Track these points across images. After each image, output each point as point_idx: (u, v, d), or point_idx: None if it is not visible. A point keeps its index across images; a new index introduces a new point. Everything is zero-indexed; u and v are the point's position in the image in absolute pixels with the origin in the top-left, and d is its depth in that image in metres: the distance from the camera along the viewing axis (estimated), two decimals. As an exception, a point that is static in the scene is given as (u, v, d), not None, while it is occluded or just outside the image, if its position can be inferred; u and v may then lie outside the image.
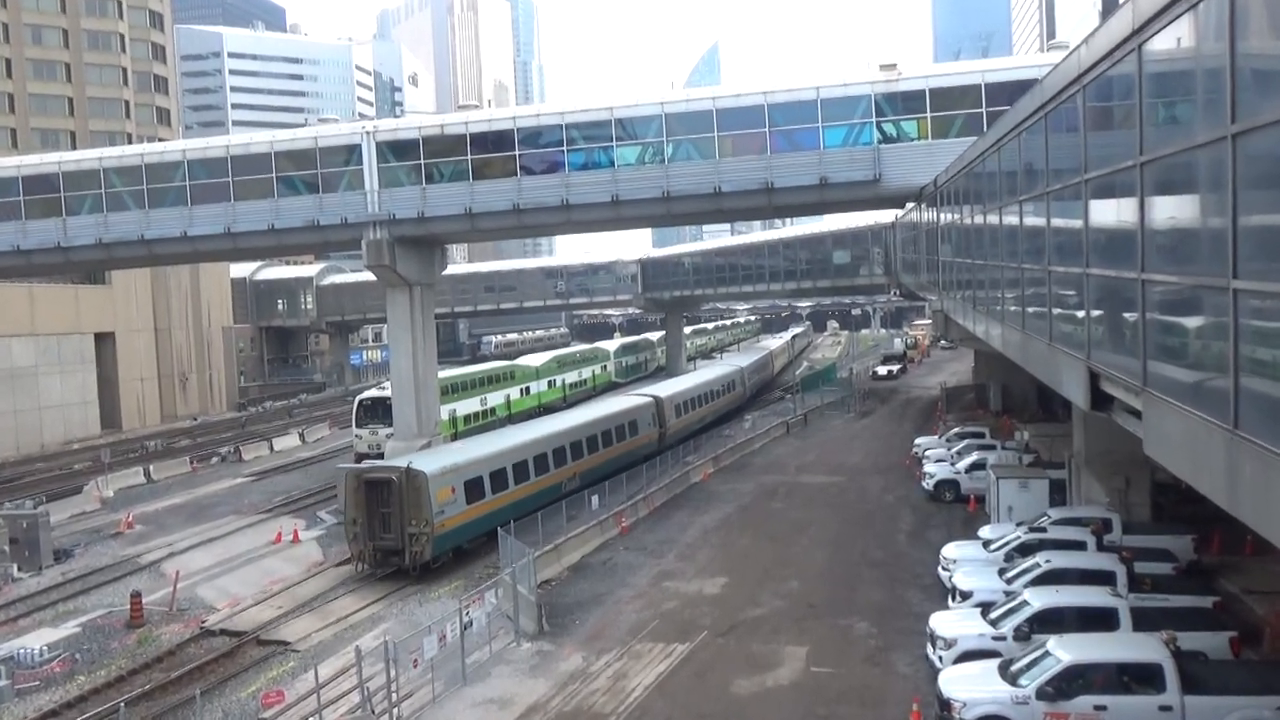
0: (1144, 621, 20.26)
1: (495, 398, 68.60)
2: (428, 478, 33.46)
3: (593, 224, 47.84)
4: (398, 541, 33.50)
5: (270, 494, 51.42)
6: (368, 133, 46.25)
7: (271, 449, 67.61)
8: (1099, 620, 20.52)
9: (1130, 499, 28.49)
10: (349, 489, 33.95)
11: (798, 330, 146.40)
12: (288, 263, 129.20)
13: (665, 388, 60.40)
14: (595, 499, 38.23)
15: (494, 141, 45.03)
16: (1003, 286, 21.30)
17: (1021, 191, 18.55)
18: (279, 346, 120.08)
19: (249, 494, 51.90)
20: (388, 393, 54.01)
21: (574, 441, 44.20)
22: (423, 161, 45.62)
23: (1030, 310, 18.42)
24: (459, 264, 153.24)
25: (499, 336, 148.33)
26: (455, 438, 56.36)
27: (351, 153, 46.55)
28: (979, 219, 24.33)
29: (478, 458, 37.08)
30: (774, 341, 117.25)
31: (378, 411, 56.77)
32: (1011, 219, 19.67)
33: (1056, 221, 15.95)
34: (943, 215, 33.62)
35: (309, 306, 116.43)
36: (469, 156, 44.93)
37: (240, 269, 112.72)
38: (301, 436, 72.13)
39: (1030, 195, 17.83)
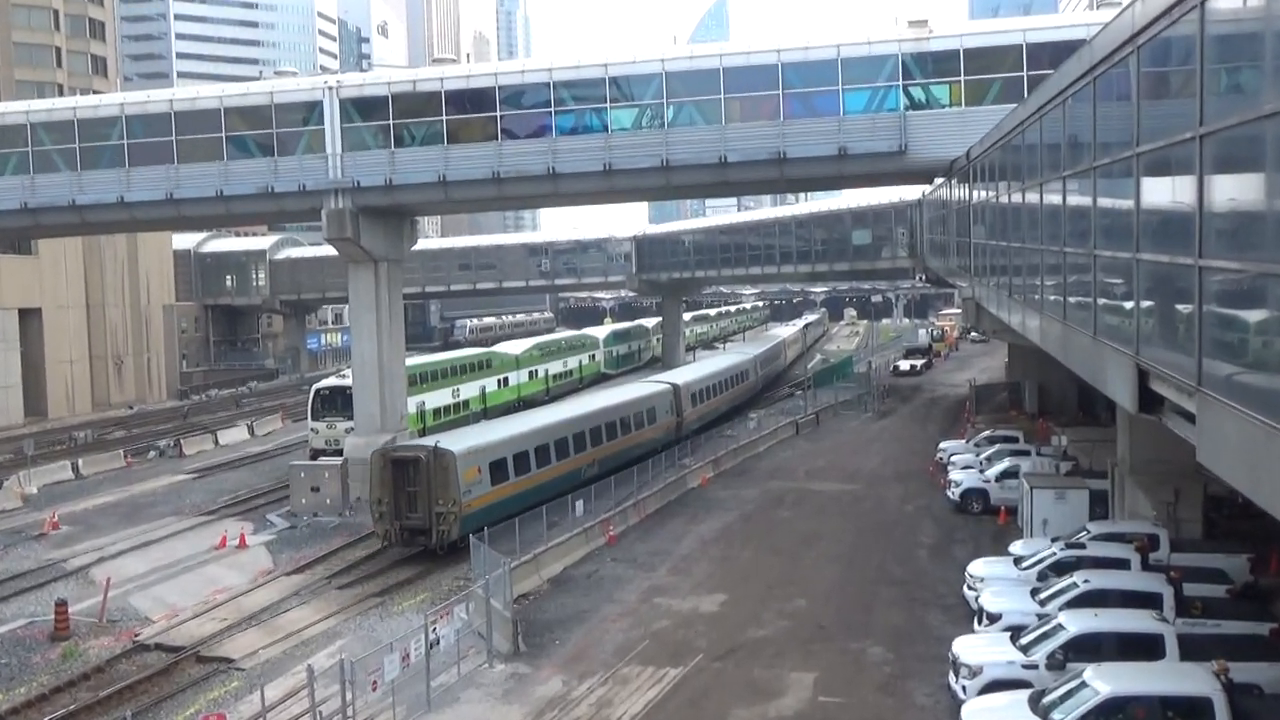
0: (1193, 650, 20.33)
1: (469, 389, 68.61)
2: (455, 457, 36.93)
3: (582, 196, 47.81)
4: (425, 520, 36.83)
5: (214, 493, 51.39)
6: (330, 88, 46.12)
7: (216, 443, 67.51)
8: (1142, 648, 20.58)
9: (1180, 513, 28.59)
10: (375, 468, 37.52)
11: (810, 318, 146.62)
12: (238, 234, 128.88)
13: (681, 375, 63.64)
14: (580, 504, 38.31)
15: (472, 101, 44.93)
16: (1042, 273, 21.32)
17: (1065, 167, 18.55)
18: (227, 327, 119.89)
19: (190, 493, 51.84)
20: (348, 382, 54.02)
21: (593, 427, 47.17)
22: (392, 122, 45.53)
23: (1073, 300, 18.44)
24: (431, 238, 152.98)
25: (474, 320, 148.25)
26: (423, 433, 56.41)
27: (311, 111, 46.42)
28: (1017, 197, 24.34)
29: (502, 439, 40.82)
30: (784, 330, 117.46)
31: (337, 403, 56.75)
32: (1054, 197, 19.67)
33: (1104, 201, 15.96)
34: (976, 192, 33.64)
35: (261, 283, 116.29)
36: (444, 117, 44.84)
37: (184, 240, 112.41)
38: (250, 429, 72.04)
39: (1075, 171, 17.83)
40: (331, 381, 59.80)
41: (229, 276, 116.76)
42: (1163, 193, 13.13)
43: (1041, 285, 21.54)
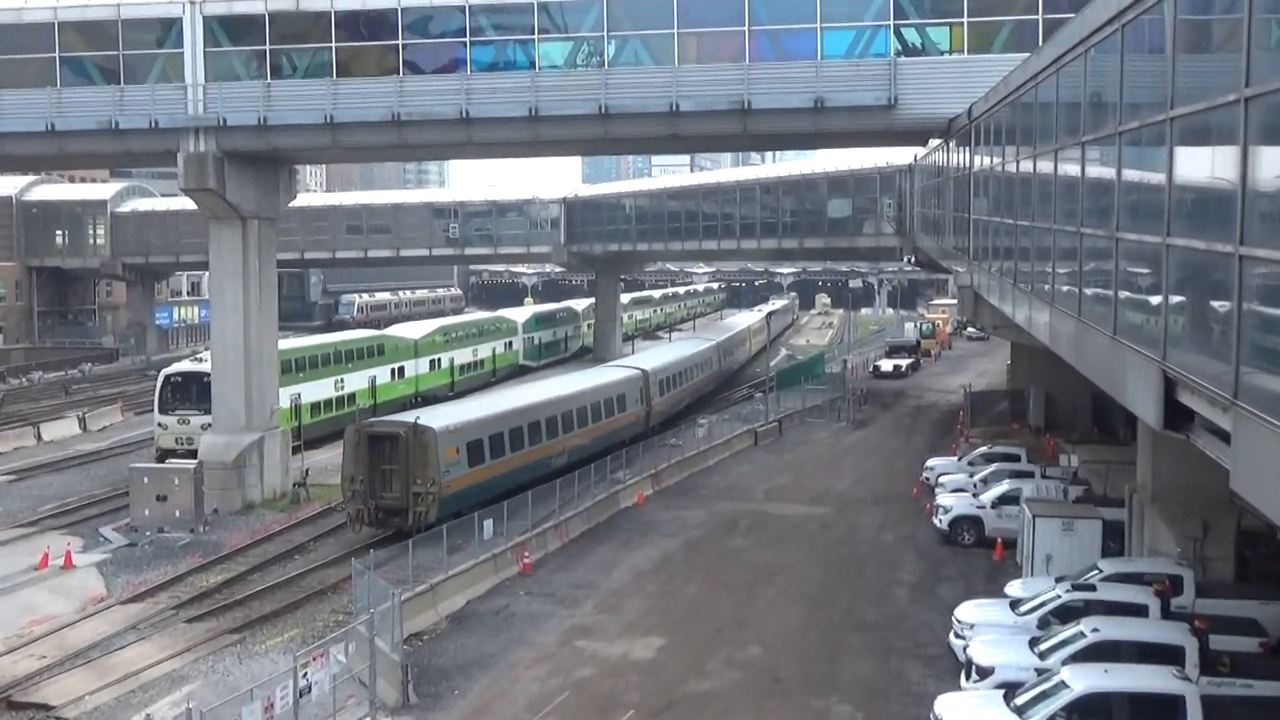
0: (1219, 714, 20.69)
1: (356, 380, 68.15)
2: (436, 434, 41.65)
3: (502, 146, 47.62)
4: (401, 500, 41.36)
5: (34, 501, 50.52)
6: (192, 3, 45.51)
7: (39, 438, 66.37)
8: (1160, 711, 20.91)
9: (1208, 551, 29.06)
10: (349, 444, 42.23)
11: (776, 305, 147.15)
12: (73, 179, 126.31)
13: (648, 360, 68.57)
14: (489, 524, 38.17)
15: (368, 25, 44.55)
16: (1054, 258, 21.56)
17: (1085, 131, 18.75)
18: (55, 296, 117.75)
19: (4, 499, 50.94)
20: (206, 367, 53.44)
21: (564, 412, 51.62)
22: (269, 48, 45.06)
23: (1089, 292, 18.65)
24: (313, 193, 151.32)
25: (364, 296, 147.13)
26: (299, 433, 55.94)
27: (168, 30, 45.79)
28: (1027, 165, 24.60)
29: (479, 418, 45.83)
30: (743, 318, 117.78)
31: (191, 392, 56.10)
32: (1070, 167, 19.89)
33: (1130, 173, 16.15)
34: (978, 158, 33.94)
35: (100, 242, 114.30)
36: (333, 44, 44.48)
37: (3, 184, 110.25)
38: (82, 422, 70.89)
39: (1097, 136, 18.03)
40: (185, 366, 59.04)
41: (60, 232, 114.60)
42: (1200, 166, 13.30)
43: (1053, 273, 21.77)
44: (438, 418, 44.14)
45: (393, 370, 73.53)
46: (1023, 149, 25.39)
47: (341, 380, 66.72)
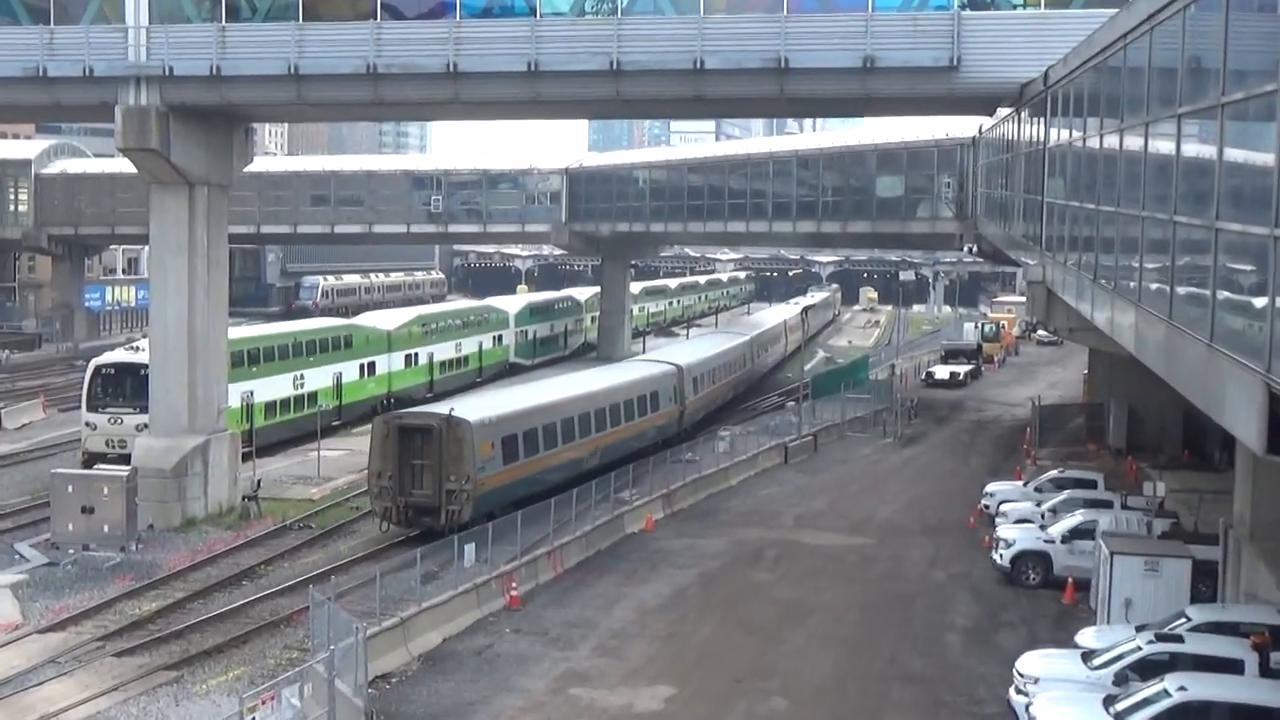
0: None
1: (318, 377, 68.18)
2: (472, 427, 45.06)
3: (495, 106, 47.65)
4: (434, 498, 44.50)
5: (-60, 510, 50.65)
6: (136, -70, 45.59)
7: (-54, 437, 66.55)
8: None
9: (1316, 598, 29.01)
10: (377, 436, 45.56)
11: (814, 299, 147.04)
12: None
13: (680, 354, 72.96)
14: (470, 549, 38.20)
15: (342, -40, 44.65)
16: (1141, 250, 21.52)
17: (1182, 102, 18.72)
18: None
19: (-96, 508, 51.09)
20: (144, 358, 53.48)
21: (597, 409, 55.55)
22: (224, -16, 45.16)
23: (1182, 291, 18.61)
24: (272, 156, 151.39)
25: (330, 279, 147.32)
26: (250, 437, 56.00)
27: (107, -39, 45.85)
28: (1111, 141, 24.55)
29: (513, 412, 49.75)
30: (776, 313, 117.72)
31: (125, 386, 56.14)
32: (1163, 144, 19.84)
33: (1234, 153, 16.10)
34: (1055, 131, 33.88)
35: (22, 209, 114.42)
36: (300, -18, 44.56)
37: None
38: (-3, 420, 71.13)
39: (1195, 109, 18.00)
40: (119, 356, 59.02)
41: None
42: (1316, 146, 13.24)
43: (1140, 268, 21.73)
44: (473, 410, 48.05)
45: (362, 366, 73.52)
46: (1107, 122, 25.33)
47: (301, 376, 66.71)
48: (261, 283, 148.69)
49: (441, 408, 48.69)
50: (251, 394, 61.07)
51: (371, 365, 74.86)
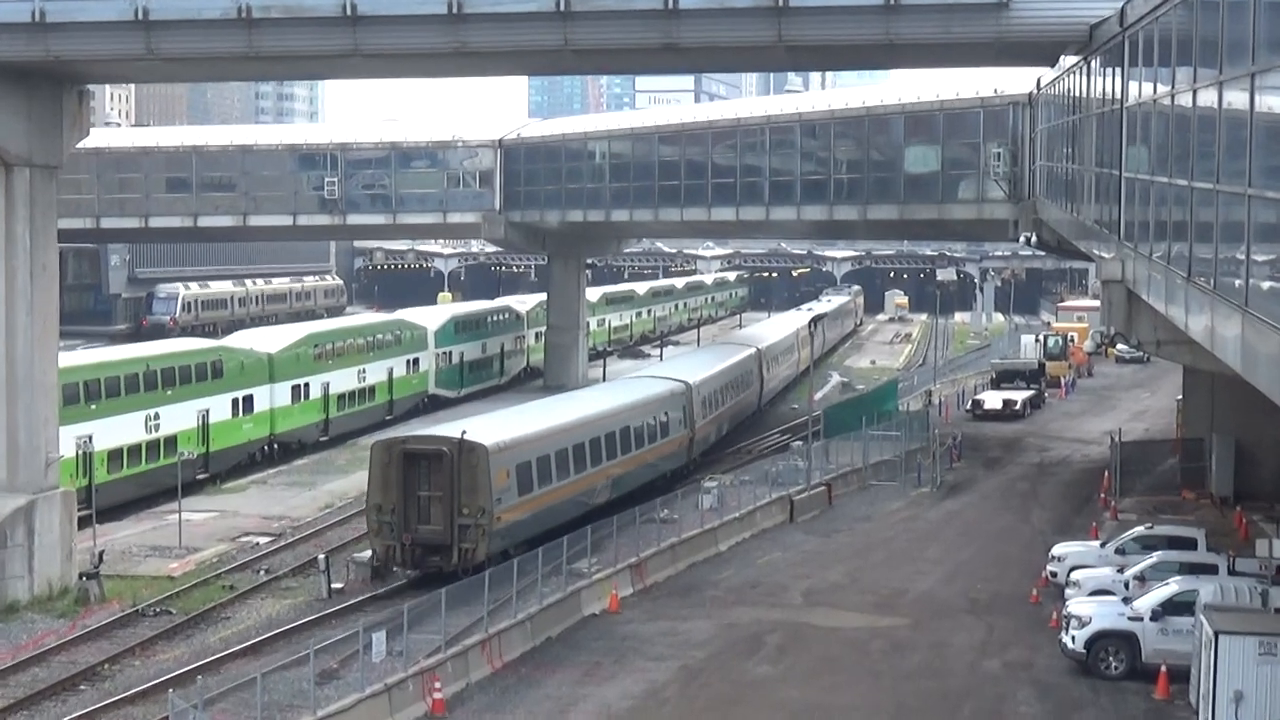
0: None
1: (178, 415, 67.87)
2: (488, 452, 49.33)
3: (407, 59, 47.85)
4: (444, 534, 48.81)
5: None
6: None
7: None
8: None
9: None
10: (377, 465, 49.83)
11: (825, 306, 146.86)
12: None
13: (687, 370, 77.57)
14: (381, 639, 38.06)
15: None
16: (1249, 238, 21.65)
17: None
18: None
19: None
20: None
21: (608, 433, 60.60)
22: (49, -96, 45.11)
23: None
24: (116, 128, 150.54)
25: (193, 287, 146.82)
26: (90, 496, 55.74)
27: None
28: (1208, 98, 24.70)
29: (526, 436, 54.08)
30: (771, 328, 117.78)
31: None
32: (1275, 100, 20.00)
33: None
34: (1135, 85, 34.07)
35: None
36: (149, -100, 44.53)
37: None
38: None
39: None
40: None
41: None
42: None
43: (1247, 262, 21.86)
44: (486, 432, 51.96)
45: (235, 401, 73.18)
46: (1203, 73, 25.50)
47: (156, 416, 66.36)
48: (103, 293, 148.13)
49: (451, 429, 52.42)
50: (90, 440, 60.75)
51: (248, 400, 74.50)
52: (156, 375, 67.88)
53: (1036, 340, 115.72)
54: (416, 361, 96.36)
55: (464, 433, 50.22)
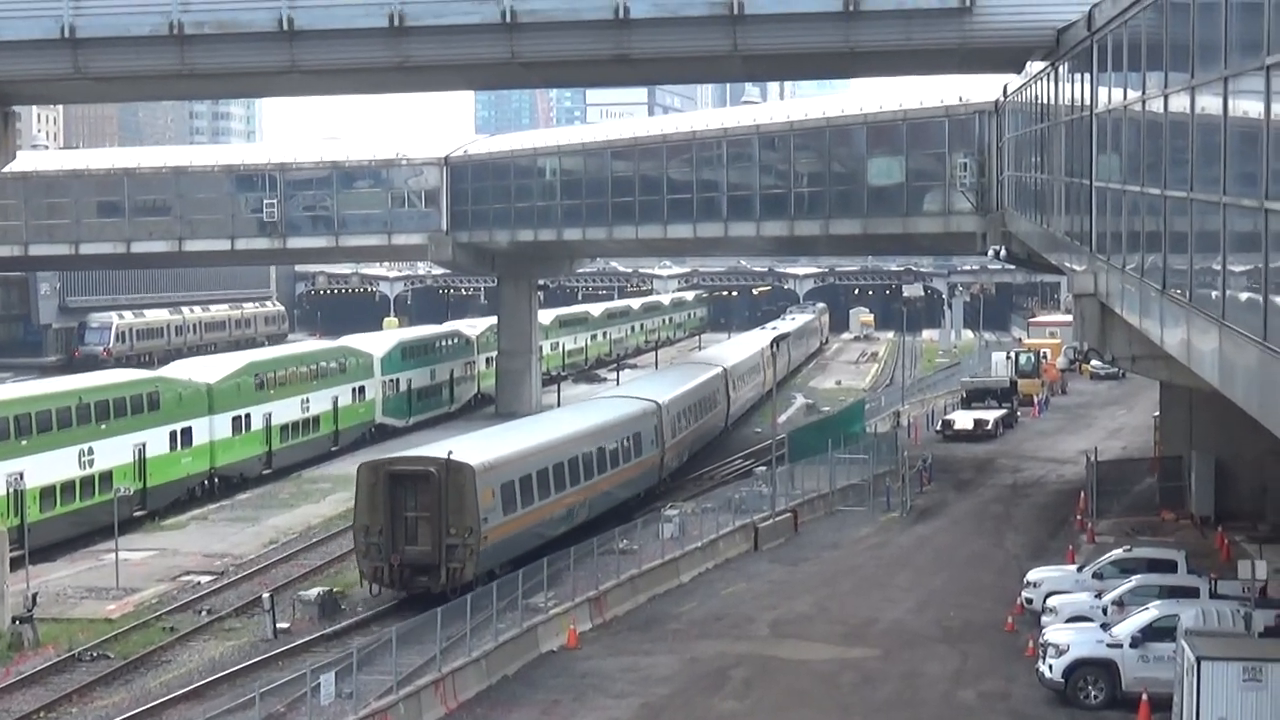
0: None
1: (114, 451, 67.56)
2: (475, 472, 51.67)
3: (347, 75, 47.77)
4: (432, 555, 50.97)
5: None
6: None
7: None
8: None
9: None
10: (364, 485, 51.97)
11: (789, 325, 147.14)
12: None
13: (658, 389, 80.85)
14: (330, 680, 37.82)
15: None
16: (1224, 248, 21.56)
17: (1275, 48, 18.80)
18: None
19: None
20: None
21: (585, 453, 63.89)
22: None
23: (1281, 303, 18.66)
24: (44, 150, 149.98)
25: (128, 316, 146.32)
26: (21, 535, 55.38)
27: None
28: (1180, 102, 24.65)
29: (511, 455, 57.11)
30: (735, 348, 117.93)
31: None
32: (1249, 104, 19.91)
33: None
34: (1105, 91, 34.06)
35: None
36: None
37: None
38: None
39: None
40: None
41: None
42: None
43: (1223, 272, 21.78)
44: (471, 452, 54.39)
45: (173, 434, 73.01)
46: (1174, 78, 25.46)
47: (90, 451, 66.09)
48: (32, 324, 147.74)
49: (438, 450, 54.96)
50: (21, 477, 60.51)
51: (186, 433, 74.27)
52: (90, 408, 67.63)
53: (1008, 357, 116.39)
54: (362, 390, 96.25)
55: (450, 453, 52.41)
